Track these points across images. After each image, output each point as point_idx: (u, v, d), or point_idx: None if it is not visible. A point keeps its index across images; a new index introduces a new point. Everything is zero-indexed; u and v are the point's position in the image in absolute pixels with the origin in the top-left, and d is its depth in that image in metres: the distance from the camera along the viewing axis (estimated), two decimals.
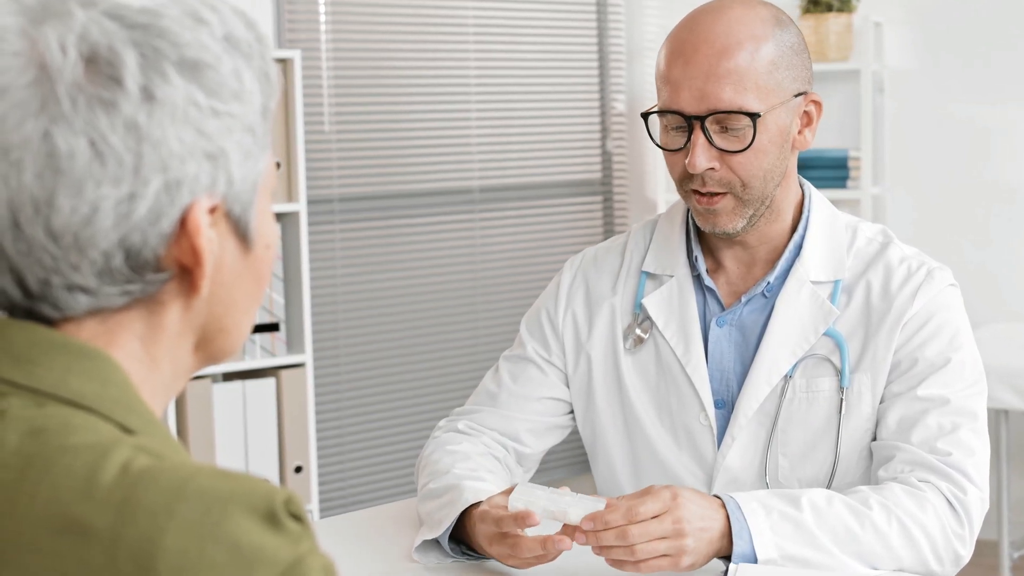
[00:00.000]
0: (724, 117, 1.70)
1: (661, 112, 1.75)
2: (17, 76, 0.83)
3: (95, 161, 0.83)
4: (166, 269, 0.88)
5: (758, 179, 1.74)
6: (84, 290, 0.86)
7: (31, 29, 0.84)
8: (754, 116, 1.70)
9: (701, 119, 1.70)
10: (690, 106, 1.71)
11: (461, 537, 1.71)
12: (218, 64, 0.87)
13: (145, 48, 0.84)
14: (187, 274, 0.88)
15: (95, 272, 0.85)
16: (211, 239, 0.88)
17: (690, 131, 1.72)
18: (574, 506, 1.55)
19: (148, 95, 0.84)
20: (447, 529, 1.68)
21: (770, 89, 1.71)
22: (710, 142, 1.71)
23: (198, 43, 0.86)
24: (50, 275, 0.85)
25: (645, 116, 1.78)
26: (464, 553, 1.71)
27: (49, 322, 0.88)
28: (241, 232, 0.91)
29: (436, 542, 1.72)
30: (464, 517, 1.69)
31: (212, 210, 0.87)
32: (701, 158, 1.71)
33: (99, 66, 0.83)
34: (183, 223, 0.86)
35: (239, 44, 0.89)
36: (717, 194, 1.74)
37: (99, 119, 0.82)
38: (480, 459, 1.84)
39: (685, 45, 1.72)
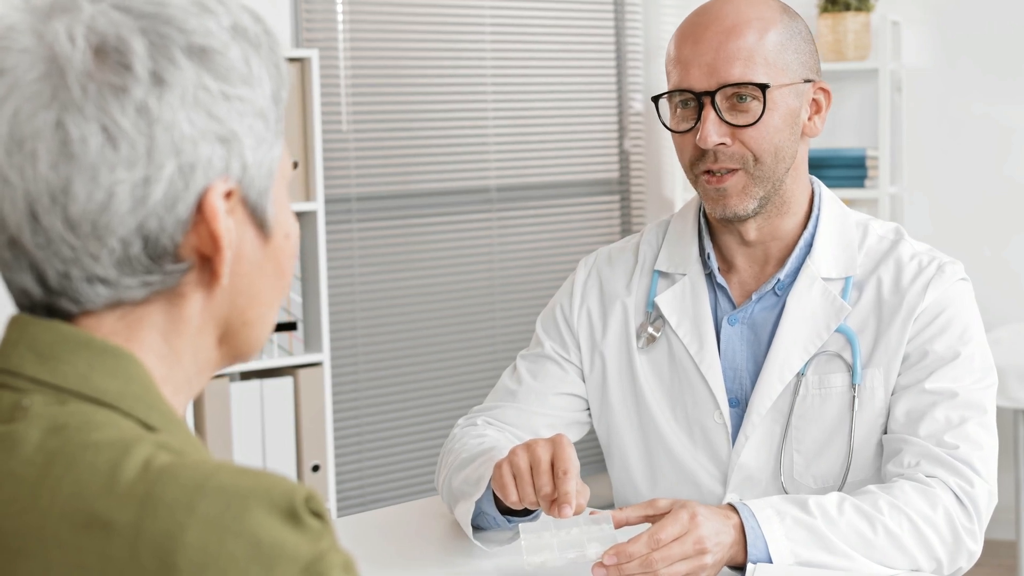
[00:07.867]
0: (734, 91, 1.73)
1: (671, 93, 1.77)
2: (27, 71, 0.84)
3: (107, 146, 0.84)
4: (185, 259, 0.88)
5: (770, 155, 1.75)
6: (104, 281, 0.87)
7: (39, 25, 0.86)
8: (763, 87, 1.72)
9: (711, 94, 1.73)
10: (700, 83, 1.73)
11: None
12: (225, 50, 0.88)
13: (152, 35, 0.86)
14: (207, 263, 0.89)
15: (114, 262, 0.86)
16: (229, 227, 0.88)
17: (700, 108, 1.74)
18: (589, 540, 1.57)
19: (158, 79, 0.85)
20: (487, 486, 1.67)
21: (779, 67, 1.74)
22: (720, 117, 1.73)
23: (205, 30, 0.88)
24: (69, 267, 0.86)
25: (656, 100, 1.80)
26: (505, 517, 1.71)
27: (68, 317, 0.89)
28: (259, 220, 0.92)
29: (476, 522, 1.71)
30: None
31: (228, 195, 0.88)
32: (712, 133, 1.73)
33: (108, 54, 0.85)
34: (200, 209, 0.87)
35: (246, 33, 0.90)
36: (728, 172, 1.75)
37: (110, 104, 0.84)
38: (507, 444, 1.83)
39: (695, 27, 1.76)
